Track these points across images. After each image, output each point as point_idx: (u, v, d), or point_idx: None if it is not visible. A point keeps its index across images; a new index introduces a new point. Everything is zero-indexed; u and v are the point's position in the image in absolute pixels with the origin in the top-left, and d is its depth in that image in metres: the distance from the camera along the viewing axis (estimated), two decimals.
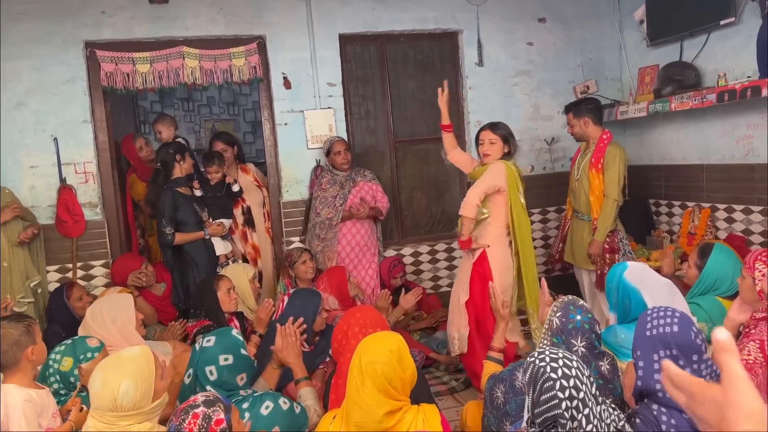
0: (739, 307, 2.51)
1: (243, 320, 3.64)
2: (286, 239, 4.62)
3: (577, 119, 4.08)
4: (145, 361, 1.98)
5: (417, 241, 5.05)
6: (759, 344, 2.34)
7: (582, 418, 1.53)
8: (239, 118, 7.81)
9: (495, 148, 3.64)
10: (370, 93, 4.94)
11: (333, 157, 4.39)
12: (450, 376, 4.01)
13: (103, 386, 1.90)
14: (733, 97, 3.67)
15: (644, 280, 2.58)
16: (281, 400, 2.23)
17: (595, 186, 3.96)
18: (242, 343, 2.40)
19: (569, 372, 1.58)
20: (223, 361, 2.29)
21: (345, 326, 2.49)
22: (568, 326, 2.25)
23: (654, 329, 1.89)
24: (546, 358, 1.62)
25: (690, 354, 1.83)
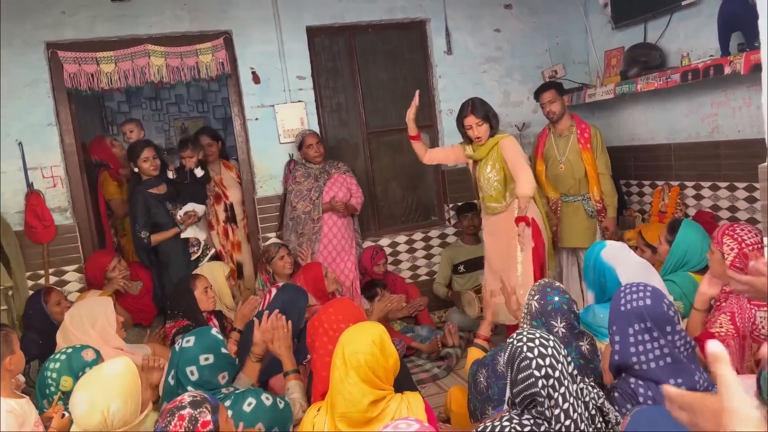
0: (709, 282, 2.57)
1: (221, 318, 3.63)
2: (262, 235, 4.60)
3: (560, 97, 4.16)
4: (131, 377, 1.95)
5: (394, 231, 5.06)
6: (730, 316, 2.41)
7: (558, 396, 1.56)
8: (209, 115, 7.72)
9: (483, 129, 3.65)
10: (341, 85, 4.92)
11: (305, 151, 4.37)
12: (432, 363, 4.04)
13: (91, 408, 1.85)
14: (696, 76, 3.74)
15: (620, 258, 2.64)
16: (264, 396, 2.22)
17: (589, 164, 4.09)
18: (222, 341, 2.39)
19: (545, 351, 1.61)
20: (203, 360, 2.27)
21: (317, 322, 2.47)
22: (547, 308, 2.29)
23: (628, 303, 1.94)
24: (523, 338, 1.66)
25: (663, 325, 1.88)
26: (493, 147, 3.67)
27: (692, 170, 4.33)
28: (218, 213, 4.54)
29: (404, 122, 4.94)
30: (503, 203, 3.68)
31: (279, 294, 3.07)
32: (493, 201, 3.71)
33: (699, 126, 4.24)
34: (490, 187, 3.70)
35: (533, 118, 5.13)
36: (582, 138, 4.08)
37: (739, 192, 3.97)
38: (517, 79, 5.12)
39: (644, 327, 1.84)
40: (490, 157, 3.70)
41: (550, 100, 4.17)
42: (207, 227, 4.41)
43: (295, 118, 4.60)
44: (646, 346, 1.82)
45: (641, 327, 1.84)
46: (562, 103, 4.16)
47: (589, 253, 2.79)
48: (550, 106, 4.17)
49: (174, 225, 4.07)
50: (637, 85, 4.21)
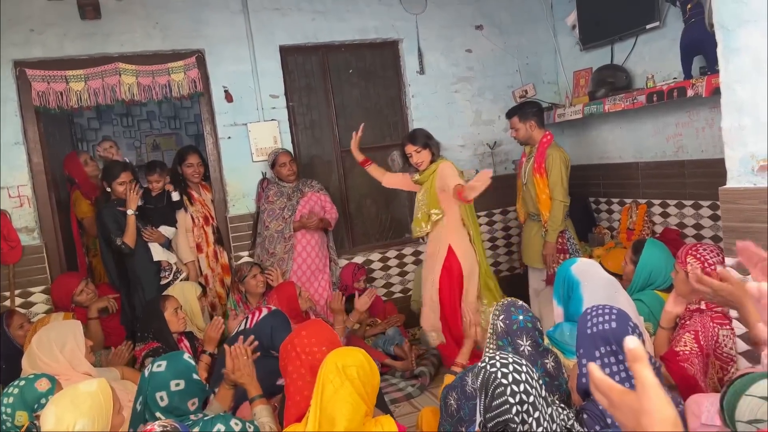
0: (674, 300, 2.63)
1: (193, 339, 3.58)
2: (234, 254, 4.57)
3: (523, 122, 4.15)
4: (103, 398, 1.92)
5: (368, 249, 5.07)
6: (694, 335, 2.47)
7: (532, 421, 1.58)
8: (181, 131, 7.69)
9: (423, 156, 3.91)
10: (314, 103, 4.94)
11: (278, 169, 4.37)
12: (406, 382, 4.04)
13: (57, 424, 1.83)
14: (661, 97, 3.85)
15: (587, 273, 2.67)
16: (233, 422, 2.20)
17: (540, 189, 4.06)
18: (194, 367, 2.36)
19: (519, 377, 1.63)
20: (174, 386, 2.25)
21: (289, 345, 2.44)
22: (513, 327, 2.31)
23: (594, 327, 1.98)
24: (497, 363, 1.67)
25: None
26: (432, 173, 3.89)
27: (659, 188, 4.44)
28: (208, 235, 4.46)
29: (378, 140, 5.06)
30: (426, 229, 3.92)
31: (269, 318, 3.04)
32: (416, 224, 3.99)
33: (665, 145, 4.35)
34: (417, 210, 3.99)
35: (504, 137, 5.20)
36: (536, 161, 4.08)
37: (704, 210, 4.07)
38: (489, 99, 5.20)
39: (610, 350, 1.87)
40: (425, 184, 3.94)
41: (512, 126, 4.25)
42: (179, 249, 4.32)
43: (268, 137, 4.60)
44: (612, 368, 1.85)
45: (607, 350, 1.87)
46: (525, 128, 4.14)
47: (561, 269, 2.83)
48: (514, 132, 4.27)
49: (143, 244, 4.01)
50: (605, 106, 4.31)
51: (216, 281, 4.48)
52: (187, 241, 4.37)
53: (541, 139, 4.14)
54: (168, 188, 4.31)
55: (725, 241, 2.48)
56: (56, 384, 2.39)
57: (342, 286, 4.58)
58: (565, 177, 4.04)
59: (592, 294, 2.55)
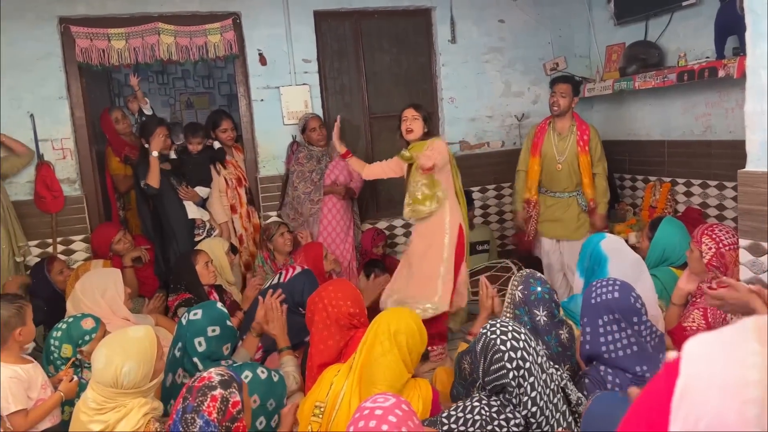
0: (687, 278, 2.71)
1: (222, 292, 3.75)
2: (263, 214, 4.72)
3: (573, 95, 4.13)
4: (149, 344, 2.06)
5: (392, 215, 5.18)
6: (702, 312, 2.55)
7: (527, 385, 1.70)
8: (214, 91, 7.80)
9: (417, 125, 3.67)
10: (345, 68, 5.00)
11: (309, 134, 4.48)
12: None
13: (107, 364, 1.98)
14: (692, 77, 3.84)
15: (616, 251, 2.74)
16: (259, 370, 2.34)
17: (587, 168, 4.08)
18: (227, 315, 2.52)
19: (517, 344, 1.74)
20: (211, 332, 2.41)
21: (317, 298, 2.61)
22: (531, 297, 2.41)
23: (597, 297, 2.08)
24: (497, 330, 1.79)
25: (630, 317, 2.02)
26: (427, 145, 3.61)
27: (684, 167, 4.44)
28: (241, 196, 4.58)
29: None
30: (429, 207, 3.60)
31: (301, 276, 3.19)
32: (419, 204, 3.62)
33: (693, 125, 4.34)
34: (416, 190, 3.64)
35: (533, 109, 5.22)
36: (581, 140, 4.08)
37: (728, 191, 4.09)
38: (519, 70, 5.21)
39: (612, 318, 1.97)
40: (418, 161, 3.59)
41: (562, 92, 4.09)
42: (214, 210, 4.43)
43: (299, 101, 4.70)
44: (614, 336, 1.96)
45: (610, 318, 1.98)
46: (570, 101, 4.10)
47: (588, 242, 2.90)
48: (560, 98, 4.09)
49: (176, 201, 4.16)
50: (635, 83, 4.30)
51: (249, 240, 4.61)
52: (221, 203, 4.48)
53: (576, 118, 4.15)
54: (209, 142, 4.44)
55: (741, 223, 2.52)
56: (100, 324, 2.58)
57: (361, 250, 4.72)
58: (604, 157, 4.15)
59: (618, 272, 2.60)
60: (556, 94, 4.13)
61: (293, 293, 2.99)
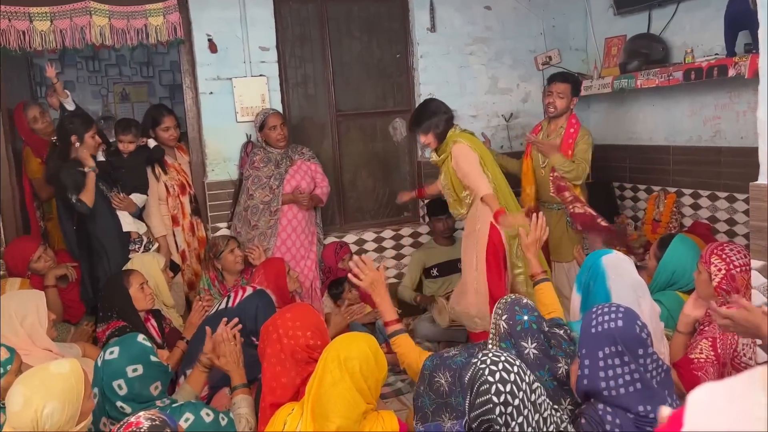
0: (694, 303, 2.77)
1: (160, 319, 3.70)
2: (211, 225, 4.69)
3: (572, 94, 4.22)
4: (75, 380, 2.02)
5: (361, 227, 5.20)
6: (711, 342, 2.62)
7: (515, 426, 1.72)
8: (154, 80, 7.75)
9: (429, 139, 4.02)
10: (309, 58, 5.02)
11: (267, 133, 4.47)
12: (395, 376, 4.19)
13: (25, 405, 1.93)
14: (699, 75, 3.95)
15: (618, 268, 2.75)
16: (204, 411, 2.32)
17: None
18: (150, 348, 2.46)
19: (507, 377, 1.77)
20: (131, 372, 2.35)
21: (271, 327, 2.57)
22: (516, 328, 2.43)
23: (599, 326, 2.11)
24: (487, 360, 1.81)
25: (635, 348, 2.06)
26: (447, 155, 3.97)
27: (691, 176, 4.56)
28: (184, 205, 4.55)
29: (380, 103, 5.15)
30: (462, 211, 4.01)
31: (253, 299, 3.17)
32: (452, 208, 4.10)
33: (701, 129, 4.46)
34: (447, 195, 4.08)
35: (522, 108, 5.30)
36: (565, 142, 4.17)
37: (739, 204, 4.20)
38: (507, 64, 5.29)
39: (615, 351, 2.01)
40: (443, 168, 4.04)
41: (560, 93, 4.17)
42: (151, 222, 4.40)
43: (255, 95, 4.69)
44: (615, 370, 1.99)
45: (612, 351, 2.01)
46: (568, 102, 4.20)
47: (591, 256, 2.94)
48: (556, 99, 4.18)
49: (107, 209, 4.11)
50: (637, 81, 4.40)
51: (193, 257, 4.59)
52: (160, 213, 4.45)
53: (570, 118, 4.25)
54: (142, 142, 4.39)
55: (753, 242, 2.60)
56: (15, 355, 2.53)
57: (324, 269, 4.71)
58: (589, 158, 4.19)
59: (618, 290, 2.65)
60: (552, 94, 4.21)
61: (244, 320, 2.95)
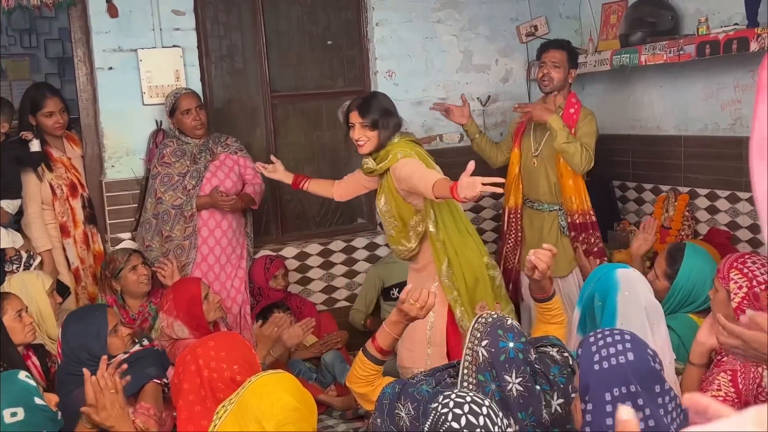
0: (709, 329, 2.80)
1: (44, 355, 3.63)
2: (110, 236, 4.63)
3: (570, 66, 4.28)
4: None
5: (304, 237, 5.17)
6: (731, 376, 2.65)
7: None
8: (39, 52, 7.65)
9: (367, 135, 3.67)
10: (236, 25, 5.01)
11: (180, 118, 4.41)
12: (347, 424, 4.19)
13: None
14: (716, 50, 4.02)
15: (634, 285, 2.80)
16: None
17: (564, 164, 4.22)
18: (35, 389, 2.42)
19: (475, 420, 1.77)
20: (9, 417, 2.31)
21: (189, 357, 2.58)
22: (500, 358, 2.42)
23: (604, 361, 2.12)
24: (450, 403, 1.81)
25: (651, 386, 2.07)
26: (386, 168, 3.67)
27: (707, 173, 4.63)
28: (76, 211, 4.51)
29: (327, 83, 5.14)
30: (409, 246, 3.70)
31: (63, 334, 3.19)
32: (395, 243, 3.77)
33: (718, 115, 4.54)
34: (388, 225, 3.77)
35: (502, 89, 5.35)
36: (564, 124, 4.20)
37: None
38: (483, 35, 5.33)
39: (627, 392, 2.01)
40: (383, 189, 3.74)
41: (555, 62, 4.24)
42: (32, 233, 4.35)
43: (167, 70, 4.65)
44: None
45: (623, 392, 2.02)
46: (565, 74, 4.27)
47: (602, 267, 3.03)
48: (551, 70, 4.24)
49: None
50: (641, 56, 4.47)
51: (89, 276, 4.54)
52: (43, 221, 4.40)
53: (569, 97, 4.31)
54: (24, 136, 4.33)
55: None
56: None
57: (255, 289, 4.69)
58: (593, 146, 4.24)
59: (627, 309, 2.70)
60: (546, 64, 4.28)
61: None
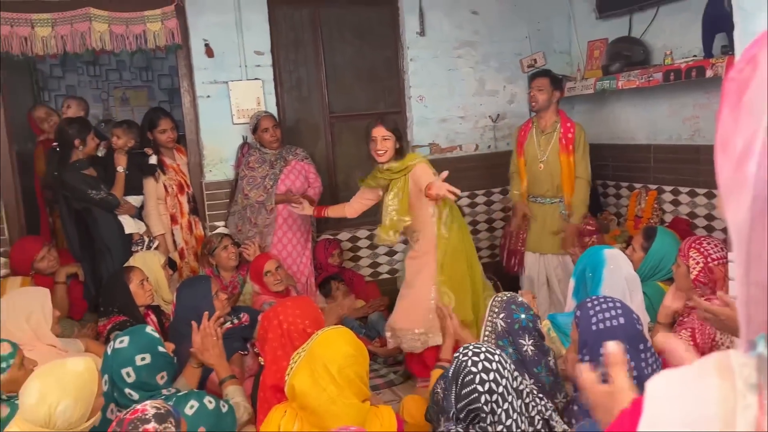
0: (673, 295, 2.79)
1: (160, 314, 3.71)
2: (209, 224, 4.68)
3: (553, 89, 4.26)
4: (89, 378, 2.02)
5: (354, 225, 5.18)
6: (690, 332, 2.63)
7: (501, 412, 1.73)
8: (153, 84, 7.72)
9: (389, 145, 3.71)
10: (302, 61, 5.01)
11: (261, 135, 4.46)
12: (388, 368, 4.22)
13: (40, 400, 1.92)
14: (678, 76, 3.96)
15: (616, 260, 2.85)
16: (206, 399, 2.34)
17: (567, 168, 4.23)
18: (159, 340, 2.50)
19: (489, 366, 1.78)
20: (140, 360, 2.38)
21: (272, 314, 2.65)
22: (515, 327, 2.44)
23: (600, 323, 2.11)
24: (468, 352, 1.83)
25: (637, 344, 2.06)
26: (401, 171, 3.70)
27: (671, 174, 4.57)
28: (182, 204, 4.53)
29: (371, 105, 5.14)
30: (389, 238, 3.70)
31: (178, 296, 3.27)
32: (383, 232, 3.71)
33: (680, 128, 4.47)
34: (386, 215, 3.74)
35: (509, 109, 5.31)
36: (564, 138, 4.22)
37: (717, 200, 4.22)
38: (494, 67, 5.29)
39: None
40: (396, 184, 3.73)
41: (539, 87, 4.25)
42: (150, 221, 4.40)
43: (250, 97, 4.68)
44: None
45: None
46: (549, 96, 4.25)
47: (593, 247, 3.06)
48: (536, 93, 4.25)
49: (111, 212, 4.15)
50: (618, 82, 4.42)
51: (191, 255, 4.57)
52: (158, 212, 4.44)
53: (561, 114, 4.31)
54: (146, 151, 4.40)
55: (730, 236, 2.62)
56: (17, 349, 2.53)
57: (316, 265, 4.72)
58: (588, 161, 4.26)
59: (611, 280, 2.74)
60: (533, 89, 4.31)
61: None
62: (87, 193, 4.02)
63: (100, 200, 4.04)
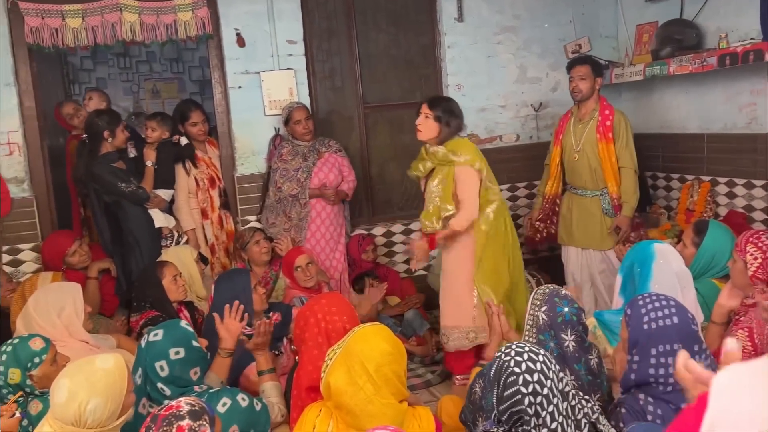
0: (729, 293, 2.71)
1: (193, 310, 3.76)
2: (241, 218, 4.73)
3: (595, 76, 4.22)
4: (119, 376, 2.05)
5: (389, 219, 5.19)
6: (748, 332, 2.56)
7: (546, 415, 1.71)
8: (184, 76, 7.82)
9: (429, 126, 3.67)
10: (336, 50, 5.02)
11: (293, 126, 4.48)
12: (425, 368, 4.21)
13: (69, 399, 1.95)
14: (734, 61, 3.86)
15: (667, 254, 2.80)
16: (239, 397, 2.37)
17: (607, 157, 4.16)
18: (193, 334, 2.53)
19: (533, 366, 1.75)
20: (174, 354, 2.42)
21: (308, 312, 2.65)
22: (557, 320, 2.40)
23: (652, 322, 2.05)
24: (511, 352, 1.80)
25: (692, 345, 2.01)
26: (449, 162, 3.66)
27: (726, 165, 4.46)
28: (213, 199, 4.58)
29: (407, 95, 5.12)
30: (433, 226, 3.66)
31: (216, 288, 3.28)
32: (427, 218, 3.68)
33: (736, 116, 4.36)
34: (430, 201, 3.70)
35: (552, 97, 5.24)
36: (602, 126, 4.16)
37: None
38: (536, 53, 5.23)
39: (670, 349, 1.95)
40: (441, 171, 3.68)
41: (581, 75, 4.20)
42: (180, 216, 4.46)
43: (283, 88, 4.71)
44: (668, 369, 1.92)
45: (667, 349, 1.96)
46: (592, 83, 4.21)
47: (642, 242, 3.03)
48: (579, 82, 4.21)
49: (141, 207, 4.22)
50: (670, 67, 4.32)
51: (222, 250, 4.62)
52: (189, 207, 4.50)
53: (601, 101, 4.25)
54: (175, 138, 4.45)
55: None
56: (50, 345, 2.59)
57: (350, 261, 4.74)
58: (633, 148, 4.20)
59: (661, 275, 2.70)
60: (574, 78, 4.25)
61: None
62: (117, 186, 4.08)
63: (130, 193, 4.10)
